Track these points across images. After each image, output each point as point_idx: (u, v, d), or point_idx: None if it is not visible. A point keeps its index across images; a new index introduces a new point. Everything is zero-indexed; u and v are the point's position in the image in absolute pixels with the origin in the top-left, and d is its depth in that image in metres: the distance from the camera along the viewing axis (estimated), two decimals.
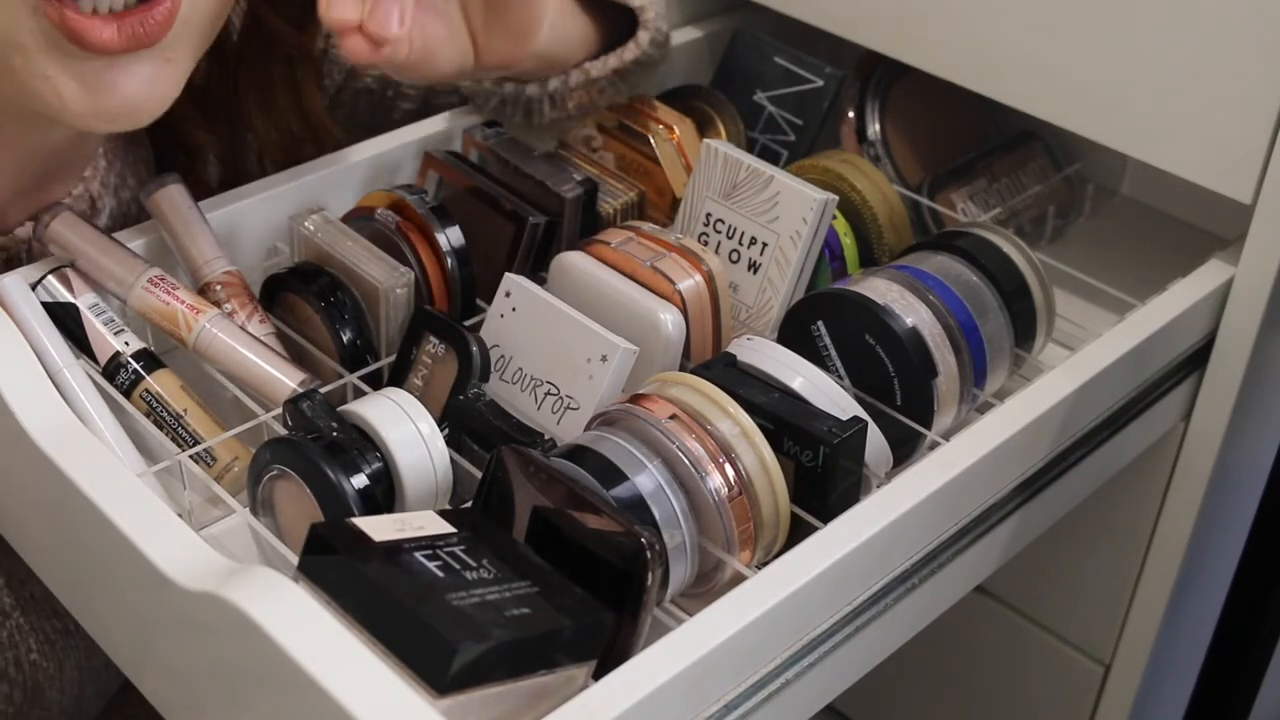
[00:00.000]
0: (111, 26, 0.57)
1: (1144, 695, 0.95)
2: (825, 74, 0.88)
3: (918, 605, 0.66)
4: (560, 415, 0.67)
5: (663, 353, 0.69)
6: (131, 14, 0.57)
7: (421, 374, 0.69)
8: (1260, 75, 0.72)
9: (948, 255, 0.75)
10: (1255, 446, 0.89)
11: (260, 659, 0.50)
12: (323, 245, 0.73)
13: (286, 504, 0.63)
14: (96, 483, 0.59)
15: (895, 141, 0.93)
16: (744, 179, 0.75)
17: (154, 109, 0.62)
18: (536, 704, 0.51)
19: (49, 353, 0.66)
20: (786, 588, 0.56)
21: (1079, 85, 0.79)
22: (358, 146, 0.83)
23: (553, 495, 0.57)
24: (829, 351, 0.70)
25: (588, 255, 0.72)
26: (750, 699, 0.57)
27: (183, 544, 0.56)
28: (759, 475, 0.60)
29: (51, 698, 0.78)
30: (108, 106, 0.60)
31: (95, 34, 0.57)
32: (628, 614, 0.54)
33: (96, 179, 0.75)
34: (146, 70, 0.60)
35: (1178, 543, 0.86)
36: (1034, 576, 0.98)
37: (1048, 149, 0.95)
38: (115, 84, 0.59)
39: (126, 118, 0.61)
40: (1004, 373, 0.75)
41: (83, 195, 0.74)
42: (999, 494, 0.68)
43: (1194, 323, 0.77)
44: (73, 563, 0.65)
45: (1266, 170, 0.74)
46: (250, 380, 0.68)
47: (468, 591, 0.51)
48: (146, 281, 0.69)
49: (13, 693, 0.75)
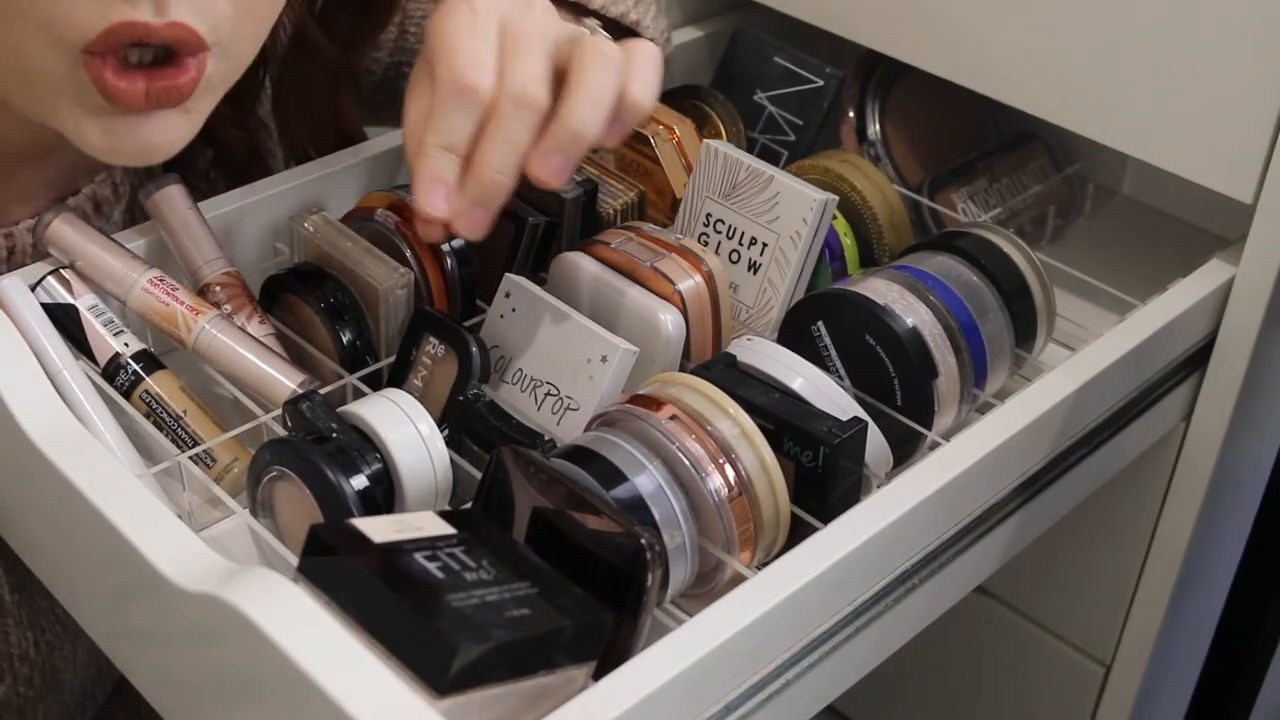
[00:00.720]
0: (140, 87, 0.60)
1: (1144, 695, 0.95)
2: (825, 74, 0.88)
3: (918, 606, 0.66)
4: (560, 416, 0.67)
5: (663, 353, 0.69)
6: (161, 75, 0.60)
7: (421, 375, 0.69)
8: (1261, 75, 0.72)
9: (948, 255, 0.75)
10: (1256, 447, 0.89)
11: (260, 660, 0.50)
12: (323, 246, 0.73)
13: (286, 505, 0.63)
14: (96, 484, 0.59)
15: (895, 141, 0.93)
16: (744, 179, 0.75)
17: (167, 152, 0.64)
18: (536, 705, 0.51)
19: (48, 354, 0.66)
20: (786, 588, 0.56)
21: (1079, 85, 0.79)
22: (358, 146, 0.83)
23: (553, 496, 0.57)
24: (829, 352, 0.70)
25: (588, 255, 0.72)
26: (750, 699, 0.57)
27: (182, 545, 0.56)
28: (759, 476, 0.60)
29: (66, 680, 0.79)
30: (125, 148, 0.63)
31: (125, 95, 0.60)
32: (628, 615, 0.54)
33: (109, 183, 0.75)
34: (165, 121, 0.63)
35: (1178, 543, 0.86)
36: (1034, 576, 0.98)
37: (1048, 149, 0.95)
38: (134, 130, 0.62)
39: (140, 158, 0.64)
40: (1004, 373, 0.75)
41: (105, 181, 0.75)
42: (999, 494, 0.68)
43: (1194, 323, 0.77)
44: (72, 564, 0.64)
45: (1267, 170, 0.74)
46: (250, 381, 0.68)
47: (468, 592, 0.51)
48: (146, 282, 0.69)
49: (33, 675, 0.76)
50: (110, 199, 0.75)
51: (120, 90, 0.60)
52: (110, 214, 0.75)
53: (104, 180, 0.75)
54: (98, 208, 0.74)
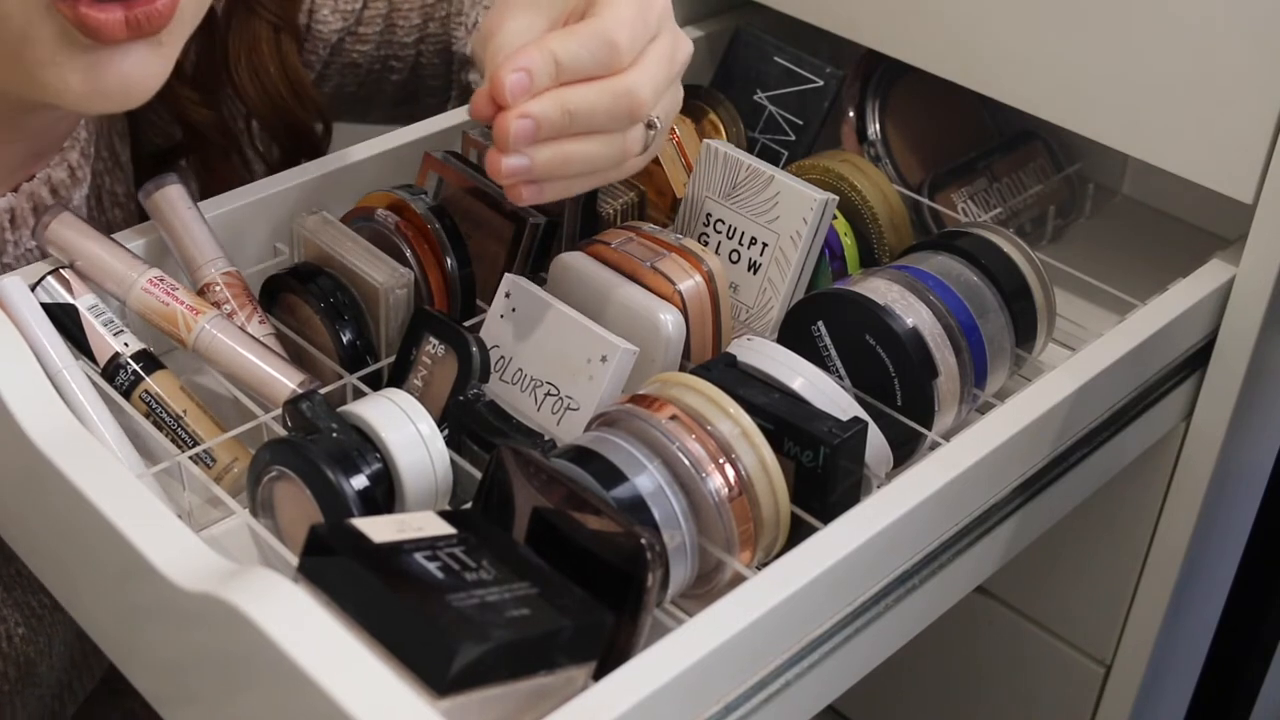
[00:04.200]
0: (118, 16, 0.60)
1: (1144, 695, 0.95)
2: (825, 74, 0.88)
3: (918, 606, 0.66)
4: (560, 416, 0.67)
5: (663, 353, 0.69)
6: (137, 4, 0.61)
7: (421, 375, 0.69)
8: (1261, 75, 0.72)
9: (948, 255, 0.75)
10: (1256, 447, 0.89)
11: (260, 660, 0.50)
12: (323, 246, 0.73)
13: (286, 505, 0.63)
14: (96, 484, 0.59)
15: (895, 141, 0.93)
16: (744, 179, 0.75)
17: (146, 90, 0.65)
18: (536, 705, 0.51)
19: (48, 354, 0.66)
20: (787, 588, 0.56)
21: (1079, 85, 0.79)
22: (358, 146, 0.83)
23: (553, 496, 0.57)
24: (829, 351, 0.70)
25: (588, 256, 0.72)
26: (750, 700, 0.57)
27: (182, 545, 0.56)
28: (759, 476, 0.60)
29: (43, 673, 0.79)
30: (105, 89, 0.63)
31: (107, 26, 0.60)
32: (628, 615, 0.54)
33: (76, 149, 0.75)
34: (140, 54, 0.63)
35: (1178, 543, 0.86)
36: (1034, 576, 0.98)
37: (1048, 149, 0.95)
38: (113, 67, 0.63)
39: (121, 98, 0.65)
40: (1004, 373, 0.74)
41: (61, 164, 0.75)
42: (999, 494, 0.68)
43: (1195, 323, 0.77)
44: (72, 564, 0.64)
45: (1267, 170, 0.73)
46: (250, 381, 0.68)
47: (468, 592, 0.50)
48: (146, 282, 0.69)
49: (6, 669, 0.76)
50: (67, 182, 0.75)
51: (101, 22, 0.60)
52: (69, 198, 0.75)
53: (59, 164, 0.74)
54: (54, 192, 0.74)
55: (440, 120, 0.86)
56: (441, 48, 0.92)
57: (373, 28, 0.91)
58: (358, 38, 0.90)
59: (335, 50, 0.91)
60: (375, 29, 0.91)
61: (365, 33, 0.91)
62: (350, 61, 0.92)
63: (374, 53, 0.92)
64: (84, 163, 0.76)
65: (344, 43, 0.91)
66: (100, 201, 0.79)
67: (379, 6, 0.91)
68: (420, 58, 0.93)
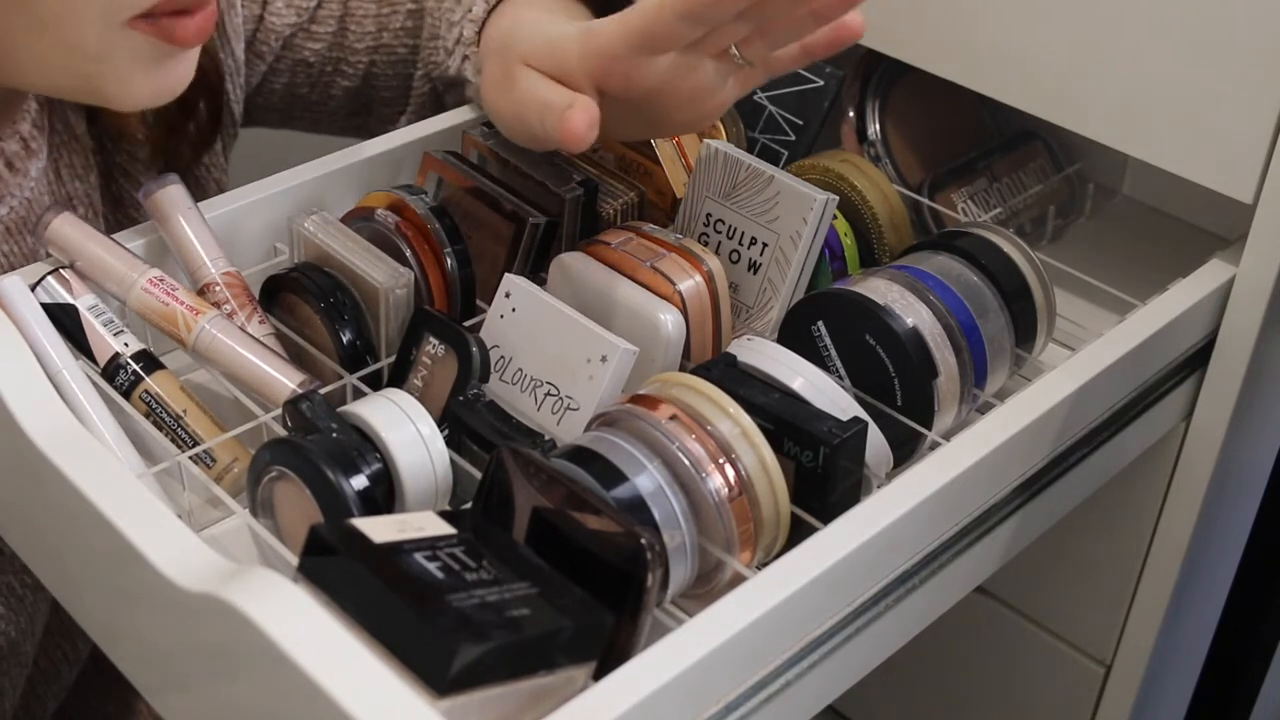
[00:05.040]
0: (192, 26, 0.68)
1: (1144, 695, 0.95)
2: (825, 74, 0.88)
3: (918, 606, 0.66)
4: (560, 416, 0.67)
5: (663, 353, 0.69)
6: (197, 12, 0.68)
7: (421, 375, 0.69)
8: (1260, 75, 0.72)
9: (948, 255, 0.75)
10: (1256, 447, 0.89)
11: (260, 660, 0.50)
12: (322, 245, 0.73)
13: (286, 505, 0.63)
14: (96, 484, 0.59)
15: (895, 141, 0.93)
16: (744, 179, 0.75)
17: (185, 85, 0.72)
18: (537, 705, 0.51)
19: (48, 354, 0.66)
20: (787, 588, 0.56)
21: (1079, 85, 0.79)
22: (358, 146, 0.83)
23: (553, 496, 0.57)
24: (829, 351, 0.70)
25: (588, 256, 0.72)
26: (750, 700, 0.57)
27: (182, 545, 0.56)
28: (759, 476, 0.60)
29: (27, 651, 0.80)
30: (166, 87, 0.71)
31: (190, 35, 0.68)
32: (628, 615, 0.54)
33: (27, 120, 0.76)
34: (192, 56, 0.71)
35: (1178, 543, 0.86)
36: (1034, 576, 0.98)
37: (1048, 149, 0.95)
38: (176, 69, 0.71)
39: (169, 96, 0.72)
40: (1004, 373, 0.74)
41: (13, 136, 0.75)
42: (999, 494, 0.68)
43: (1195, 323, 0.77)
44: (72, 563, 0.64)
45: (1267, 170, 0.73)
46: (250, 381, 0.68)
47: (468, 592, 0.51)
48: (146, 282, 0.69)
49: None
50: (21, 154, 0.75)
51: (188, 33, 0.68)
52: (26, 169, 0.75)
53: (10, 135, 0.75)
54: (9, 164, 0.74)
55: (440, 120, 0.86)
56: (396, 60, 0.92)
57: (326, 27, 0.91)
58: (310, 35, 0.91)
59: (287, 45, 0.91)
60: (328, 29, 0.91)
61: (318, 31, 0.91)
62: (302, 59, 0.92)
63: (326, 53, 0.92)
64: (37, 134, 0.76)
65: (295, 38, 0.91)
66: (60, 174, 0.79)
67: (333, 8, 0.91)
68: (374, 67, 0.93)
